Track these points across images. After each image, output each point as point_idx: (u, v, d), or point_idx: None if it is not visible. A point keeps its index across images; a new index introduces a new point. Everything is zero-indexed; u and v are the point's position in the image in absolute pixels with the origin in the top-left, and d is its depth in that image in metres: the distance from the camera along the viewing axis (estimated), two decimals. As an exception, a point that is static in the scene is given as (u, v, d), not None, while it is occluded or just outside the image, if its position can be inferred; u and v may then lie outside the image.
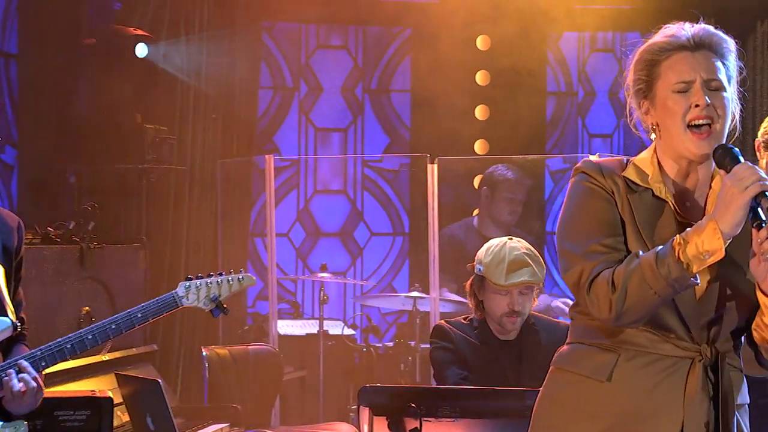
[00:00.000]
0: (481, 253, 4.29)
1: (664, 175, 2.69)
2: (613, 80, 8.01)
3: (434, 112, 7.50)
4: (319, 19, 7.58)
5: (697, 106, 2.59)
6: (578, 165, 2.74)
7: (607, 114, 8.09)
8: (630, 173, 2.68)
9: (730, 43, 2.68)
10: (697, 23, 2.70)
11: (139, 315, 3.38)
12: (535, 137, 7.76)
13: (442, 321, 4.34)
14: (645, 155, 2.72)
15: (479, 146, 7.70)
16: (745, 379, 2.69)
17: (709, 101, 2.59)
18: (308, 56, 7.74)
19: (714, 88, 2.61)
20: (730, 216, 2.46)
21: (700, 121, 2.59)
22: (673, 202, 2.66)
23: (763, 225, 2.47)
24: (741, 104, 2.69)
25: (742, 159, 2.55)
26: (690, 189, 2.68)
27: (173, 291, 3.46)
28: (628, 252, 2.60)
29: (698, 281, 2.52)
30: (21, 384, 3.11)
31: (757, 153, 5.36)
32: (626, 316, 2.55)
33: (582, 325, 2.69)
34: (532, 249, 4.27)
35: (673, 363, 2.61)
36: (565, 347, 2.78)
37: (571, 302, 6.50)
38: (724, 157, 2.56)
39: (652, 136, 2.72)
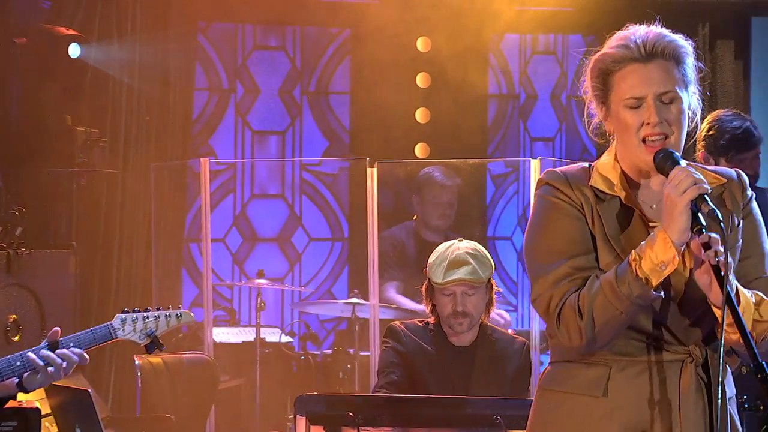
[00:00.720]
0: (431, 255, 4.33)
1: (629, 180, 2.69)
2: (555, 83, 8.05)
3: (374, 114, 7.49)
4: (256, 19, 7.55)
5: (648, 124, 2.59)
6: (543, 176, 2.72)
7: (549, 117, 8.12)
8: (597, 182, 2.68)
9: (687, 47, 2.66)
10: (648, 25, 2.67)
11: (71, 344, 3.36)
12: (477, 141, 7.78)
13: (397, 321, 4.35)
14: (606, 160, 2.72)
15: (420, 150, 7.70)
16: (729, 370, 2.71)
17: (660, 119, 2.59)
18: (245, 57, 7.69)
19: (668, 101, 2.61)
20: (675, 224, 2.48)
21: (654, 138, 2.60)
22: (640, 207, 2.66)
23: (704, 230, 2.48)
24: (702, 102, 2.70)
25: (682, 162, 2.56)
26: (655, 190, 2.68)
27: (109, 323, 3.47)
28: (600, 268, 2.60)
29: (662, 294, 2.53)
30: None
31: (702, 162, 5.43)
32: (598, 340, 2.56)
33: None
34: (480, 249, 4.28)
35: (665, 368, 2.62)
36: (548, 367, 2.76)
37: (507, 313, 6.57)
38: (665, 162, 2.58)
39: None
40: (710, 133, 5.30)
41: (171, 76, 6.86)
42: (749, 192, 2.77)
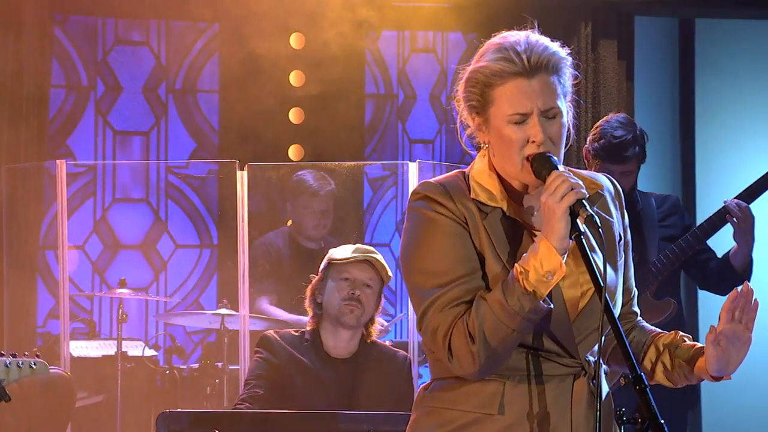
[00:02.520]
0: (330, 251, 4.37)
1: (508, 189, 2.68)
2: (435, 82, 8.09)
3: (245, 114, 7.43)
4: (117, 12, 7.43)
5: (533, 142, 2.59)
6: (418, 188, 2.68)
7: (429, 118, 8.16)
8: (478, 194, 2.66)
9: (567, 57, 2.67)
10: (525, 30, 2.67)
11: None
12: (353, 142, 7.78)
13: (271, 331, 4.33)
14: (481, 167, 2.70)
15: (293, 152, 7.67)
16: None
17: (545, 137, 2.59)
18: (105, 52, 7.57)
19: (551, 116, 2.62)
20: (555, 231, 2.50)
21: None
22: (524, 217, 2.67)
23: (582, 236, 2.51)
24: (575, 110, 2.72)
25: (560, 167, 2.58)
26: (534, 198, 2.68)
27: None
28: (489, 286, 2.59)
29: (551, 305, 2.54)
30: None
31: (585, 161, 5.51)
32: (492, 363, 2.56)
33: None
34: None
35: (558, 383, 2.63)
36: (431, 383, 2.73)
37: (385, 320, 6.59)
38: (542, 168, 2.59)
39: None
40: (593, 132, 5.41)
41: (25, 73, 6.71)
42: (624, 209, 2.83)
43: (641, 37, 7.51)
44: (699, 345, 2.76)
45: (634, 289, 2.89)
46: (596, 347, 2.64)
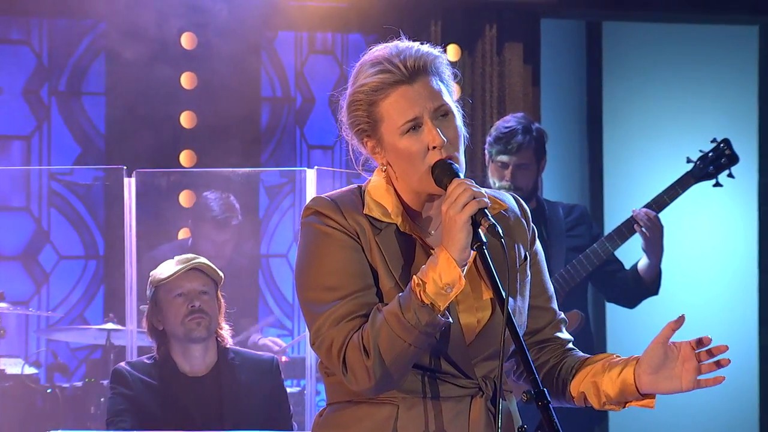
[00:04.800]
0: (151, 274, 4.33)
1: (405, 206, 2.69)
2: (335, 85, 8.09)
3: (133, 118, 7.36)
4: (-5, 9, 7.35)
5: (434, 148, 2.60)
6: (310, 204, 2.69)
7: (328, 123, 8.16)
8: (371, 209, 2.66)
9: (443, 56, 2.70)
10: (397, 38, 2.71)
11: None
12: (249, 148, 7.75)
13: (123, 363, 4.32)
14: (378, 182, 2.71)
15: (185, 158, 7.61)
16: (515, 399, 2.75)
17: (445, 139, 2.60)
18: (-18, 52, 7.50)
19: (443, 113, 2.64)
20: (455, 242, 2.51)
21: None
22: (420, 234, 2.67)
23: (484, 246, 2.53)
24: (463, 112, 2.74)
25: (461, 175, 2.60)
26: (433, 216, 2.70)
27: None
28: (383, 302, 2.59)
29: (450, 319, 2.55)
30: None
31: (485, 164, 5.58)
32: (388, 379, 2.55)
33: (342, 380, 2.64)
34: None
35: (454, 404, 2.64)
36: (327, 408, 2.73)
37: (280, 339, 6.59)
38: (442, 176, 2.61)
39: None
40: (490, 129, 5.53)
41: None
42: (533, 226, 2.85)
43: (548, 40, 7.59)
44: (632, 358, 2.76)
45: (559, 312, 2.89)
46: (503, 365, 2.65)
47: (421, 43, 2.70)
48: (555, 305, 2.89)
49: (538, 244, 2.87)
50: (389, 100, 2.63)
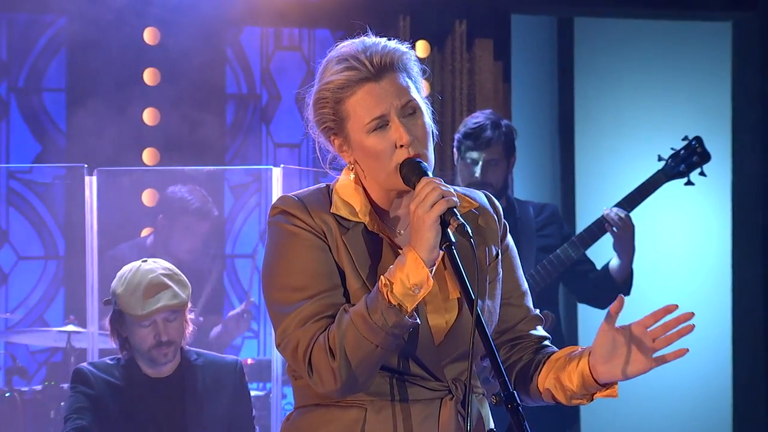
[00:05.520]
0: (114, 283, 4.28)
1: (373, 205, 2.68)
2: (302, 82, 8.09)
3: (95, 115, 7.32)
4: (-48, 4, 7.30)
5: (402, 146, 2.59)
6: (276, 203, 2.68)
7: (295, 120, 8.15)
8: (338, 208, 2.65)
9: (410, 52, 2.70)
10: (364, 34, 2.70)
11: None
12: (213, 146, 7.72)
13: (85, 363, 4.31)
14: (346, 181, 2.70)
15: (148, 156, 7.58)
16: (488, 404, 2.74)
17: (413, 137, 2.59)
18: (-61, 48, 7.44)
19: (411, 110, 2.63)
20: (424, 241, 2.50)
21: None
22: (388, 234, 2.66)
23: (453, 246, 2.52)
24: (432, 109, 2.73)
25: (429, 173, 2.59)
26: (401, 215, 2.69)
27: None
28: (350, 302, 2.58)
29: (418, 320, 2.54)
30: None
31: (455, 163, 5.58)
32: (355, 381, 2.54)
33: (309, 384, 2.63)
34: (172, 268, 4.31)
35: (424, 407, 2.63)
36: (294, 412, 2.72)
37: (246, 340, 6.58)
38: (411, 175, 2.60)
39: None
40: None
41: None
42: (504, 221, 2.84)
43: (518, 37, 7.60)
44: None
45: (533, 309, 2.89)
46: (473, 367, 2.64)
47: (389, 39, 2.69)
48: (529, 302, 2.89)
49: (510, 240, 2.86)
50: (355, 98, 2.62)
